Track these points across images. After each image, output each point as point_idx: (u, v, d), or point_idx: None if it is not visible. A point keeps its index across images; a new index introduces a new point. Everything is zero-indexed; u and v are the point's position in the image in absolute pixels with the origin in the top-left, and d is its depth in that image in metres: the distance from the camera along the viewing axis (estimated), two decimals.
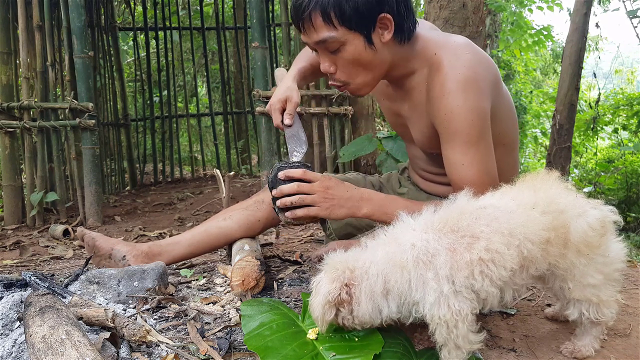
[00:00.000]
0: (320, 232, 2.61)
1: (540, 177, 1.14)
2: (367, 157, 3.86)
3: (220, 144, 6.20)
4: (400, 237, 1.06)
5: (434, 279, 0.99)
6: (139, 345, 1.17)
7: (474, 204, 1.09)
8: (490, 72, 1.38)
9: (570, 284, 1.08)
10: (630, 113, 7.22)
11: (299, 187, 1.38)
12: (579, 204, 1.09)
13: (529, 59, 9.18)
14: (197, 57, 7.15)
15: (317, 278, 1.10)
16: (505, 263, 0.99)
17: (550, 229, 1.04)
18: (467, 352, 1.02)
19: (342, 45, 1.33)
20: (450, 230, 1.03)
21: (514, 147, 1.58)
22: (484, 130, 1.34)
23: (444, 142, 1.39)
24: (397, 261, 1.02)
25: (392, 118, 1.66)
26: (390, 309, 1.05)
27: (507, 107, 1.51)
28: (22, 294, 1.30)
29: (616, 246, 1.11)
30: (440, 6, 3.24)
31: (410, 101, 1.49)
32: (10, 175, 3.61)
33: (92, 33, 5.02)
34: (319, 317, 1.08)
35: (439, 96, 1.34)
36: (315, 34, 1.33)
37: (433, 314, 0.99)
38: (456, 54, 1.35)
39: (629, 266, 1.77)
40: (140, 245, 1.75)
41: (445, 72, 1.33)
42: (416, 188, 1.77)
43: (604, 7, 7.26)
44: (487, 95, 1.35)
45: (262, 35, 3.62)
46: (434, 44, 1.40)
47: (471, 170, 1.35)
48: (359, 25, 1.30)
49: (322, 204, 1.39)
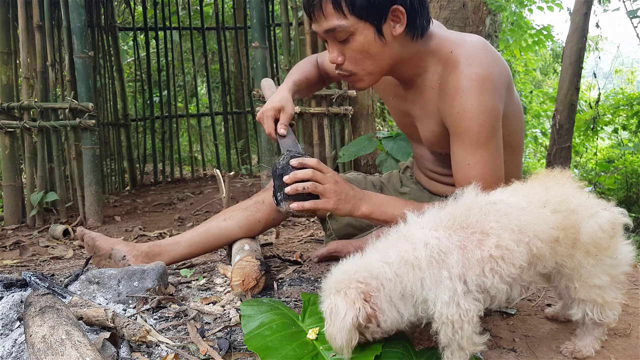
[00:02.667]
0: (320, 232, 2.61)
1: (553, 176, 1.13)
2: (367, 157, 3.86)
3: (220, 144, 6.20)
4: (411, 236, 1.03)
5: (448, 277, 0.97)
6: (139, 345, 1.17)
7: (483, 199, 1.08)
8: (505, 73, 1.38)
9: (577, 283, 1.08)
10: (630, 113, 7.21)
11: (314, 175, 1.35)
12: (591, 204, 1.08)
13: (529, 59, 9.17)
14: (197, 57, 7.15)
15: (330, 303, 1.01)
16: (515, 260, 0.99)
17: (560, 228, 1.03)
18: (470, 354, 1.02)
19: (351, 34, 1.32)
20: (460, 227, 1.02)
21: (519, 150, 1.58)
22: (494, 131, 1.34)
23: (453, 141, 1.38)
24: (409, 260, 0.99)
25: (401, 118, 1.65)
26: (409, 311, 1.02)
27: (517, 110, 1.51)
28: (22, 294, 1.30)
29: (625, 248, 1.10)
30: (440, 6, 3.24)
31: (421, 100, 1.48)
32: (10, 175, 3.61)
33: (92, 33, 5.02)
34: (344, 344, 0.99)
35: (453, 94, 1.33)
36: (325, 22, 1.32)
37: (442, 313, 0.98)
38: (473, 53, 1.34)
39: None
40: (140, 245, 1.75)
41: (461, 70, 1.32)
42: (419, 187, 1.77)
43: (604, 7, 7.25)
44: (501, 96, 1.34)
45: (262, 35, 3.62)
46: (450, 42, 1.40)
47: (476, 170, 1.35)
48: (369, 15, 1.30)
49: (332, 196, 1.36)
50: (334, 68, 1.44)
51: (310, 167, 1.36)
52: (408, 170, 1.89)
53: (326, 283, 1.06)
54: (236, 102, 6.59)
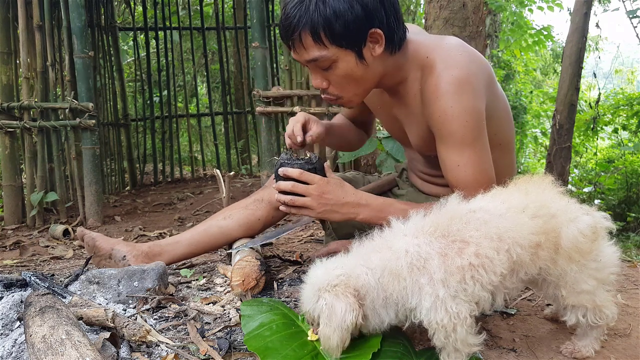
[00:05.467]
0: (320, 232, 2.61)
1: (533, 181, 1.13)
2: (367, 157, 3.85)
3: (220, 144, 6.20)
4: (393, 244, 1.04)
5: (428, 283, 0.98)
6: (139, 345, 1.17)
7: (464, 208, 1.07)
8: (484, 72, 1.38)
9: (564, 291, 1.07)
10: (630, 113, 7.21)
11: (293, 187, 1.39)
12: (571, 209, 1.07)
13: (529, 59, 9.17)
14: (197, 57, 7.15)
15: (324, 302, 1.00)
16: (495, 268, 0.99)
17: (541, 232, 1.03)
18: (466, 355, 1.02)
19: (333, 62, 1.33)
20: (441, 235, 1.02)
21: (510, 148, 1.58)
22: (479, 131, 1.34)
23: (439, 144, 1.39)
24: (392, 269, 1.00)
25: (390, 124, 1.66)
26: (390, 317, 1.03)
27: (503, 107, 1.50)
28: (22, 294, 1.30)
29: (609, 250, 1.09)
30: (440, 6, 3.24)
31: (406, 106, 1.49)
32: (10, 175, 3.61)
33: (92, 33, 5.02)
34: (339, 344, 0.99)
35: (432, 98, 1.33)
36: (305, 54, 1.33)
37: (430, 319, 0.98)
38: (449, 55, 1.34)
39: (629, 266, 1.77)
40: (140, 245, 1.75)
41: (437, 73, 1.33)
42: (415, 189, 1.78)
43: (604, 7, 7.25)
44: (481, 96, 1.34)
45: (262, 35, 3.62)
46: (425, 47, 1.40)
47: (467, 171, 1.35)
48: (349, 43, 1.30)
49: (315, 208, 1.40)
50: (320, 92, 1.45)
51: (292, 179, 1.39)
52: (404, 172, 1.90)
53: (308, 283, 1.05)
54: (236, 102, 6.59)
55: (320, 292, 1.03)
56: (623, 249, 4.66)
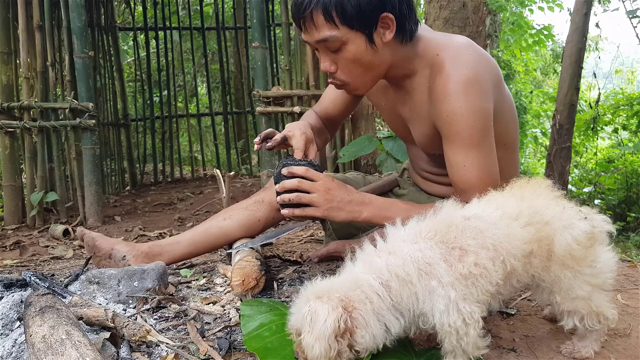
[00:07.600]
0: (320, 232, 2.61)
1: (529, 185, 1.12)
2: (367, 157, 3.85)
3: (220, 144, 6.20)
4: (397, 250, 1.02)
5: (439, 286, 0.96)
6: (139, 345, 1.17)
7: (459, 214, 1.06)
8: (493, 72, 1.38)
9: (558, 297, 1.06)
10: (630, 113, 7.22)
11: (299, 184, 1.38)
12: (566, 215, 1.05)
13: (529, 59, 9.18)
14: (197, 57, 7.15)
15: (307, 309, 0.94)
16: (492, 278, 0.98)
17: (533, 240, 1.01)
18: (474, 358, 1.01)
19: (343, 44, 1.32)
20: (440, 241, 1.01)
21: (514, 148, 1.58)
22: (486, 132, 1.34)
23: (445, 143, 1.39)
24: (400, 275, 0.98)
25: (392, 120, 1.65)
26: (400, 322, 0.99)
27: (509, 108, 1.51)
28: (22, 294, 1.30)
29: (605, 256, 1.08)
30: (440, 6, 3.24)
31: (411, 102, 1.49)
32: (10, 175, 3.61)
33: (92, 33, 5.02)
34: (322, 354, 0.92)
35: (441, 98, 1.33)
36: (316, 33, 1.32)
37: (443, 322, 0.96)
38: (458, 55, 1.34)
39: (629, 266, 1.77)
40: (140, 245, 1.75)
41: (447, 73, 1.33)
42: (417, 189, 1.77)
43: (604, 7, 7.26)
44: (489, 96, 1.34)
45: (262, 35, 3.62)
46: (436, 44, 1.40)
47: (472, 171, 1.35)
48: (360, 25, 1.30)
49: (321, 204, 1.38)
50: (327, 77, 1.44)
51: (298, 176, 1.37)
52: (405, 172, 1.90)
53: (303, 294, 1.01)
54: (236, 102, 6.59)
55: (307, 299, 0.99)
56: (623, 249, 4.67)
